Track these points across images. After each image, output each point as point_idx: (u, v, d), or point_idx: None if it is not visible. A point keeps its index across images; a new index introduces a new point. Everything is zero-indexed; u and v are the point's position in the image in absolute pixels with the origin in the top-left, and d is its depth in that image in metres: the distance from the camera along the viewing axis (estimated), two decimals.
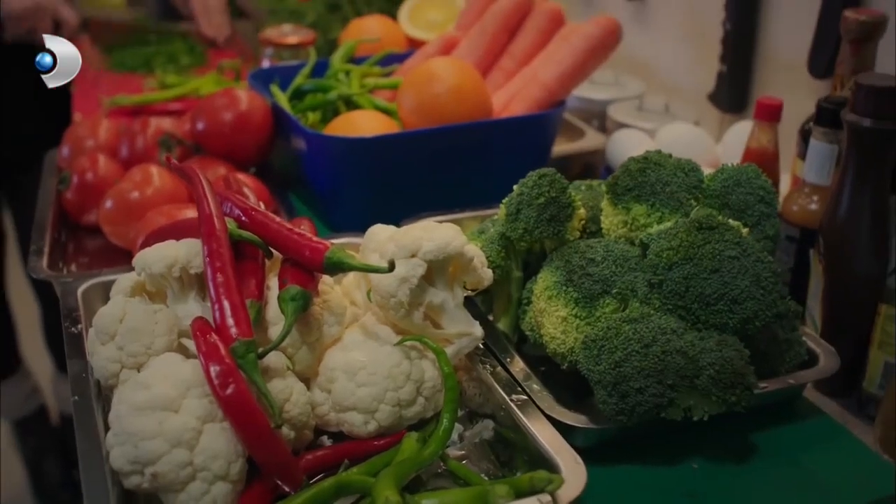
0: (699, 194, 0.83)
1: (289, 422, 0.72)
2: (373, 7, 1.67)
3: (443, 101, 1.11)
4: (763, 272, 0.74)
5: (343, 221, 1.11)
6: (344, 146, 1.08)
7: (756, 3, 1.27)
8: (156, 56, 1.86)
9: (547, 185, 0.82)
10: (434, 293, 0.77)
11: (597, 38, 1.17)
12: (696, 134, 1.23)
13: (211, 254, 0.73)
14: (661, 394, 0.71)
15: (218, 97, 1.18)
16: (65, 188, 1.14)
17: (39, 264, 1.00)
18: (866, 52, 1.01)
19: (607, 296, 0.77)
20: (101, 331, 0.75)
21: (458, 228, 0.78)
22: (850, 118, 0.88)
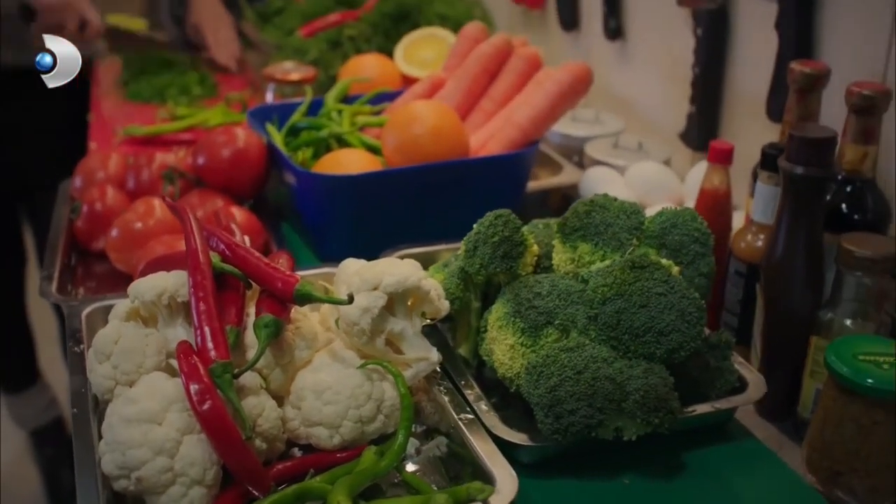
0: (639, 235, 0.91)
1: (261, 435, 0.82)
2: (371, 45, 1.77)
3: (423, 141, 1.20)
4: (688, 307, 0.83)
5: (330, 251, 1.20)
6: (330, 183, 1.18)
7: (722, 51, 1.36)
8: (169, 87, 1.97)
9: (501, 224, 0.91)
10: (394, 322, 0.86)
11: (568, 84, 1.26)
12: (662, 172, 1.32)
13: (195, 285, 0.82)
14: (591, 415, 0.79)
15: (217, 134, 1.28)
16: (76, 217, 1.25)
17: (49, 289, 1.10)
18: (811, 101, 1.09)
19: (550, 326, 0.86)
20: (99, 351, 0.84)
21: (417, 264, 0.87)
22: (785, 166, 0.97)
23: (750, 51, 1.32)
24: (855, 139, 1.03)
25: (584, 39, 1.74)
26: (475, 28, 1.46)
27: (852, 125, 1.03)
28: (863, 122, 1.02)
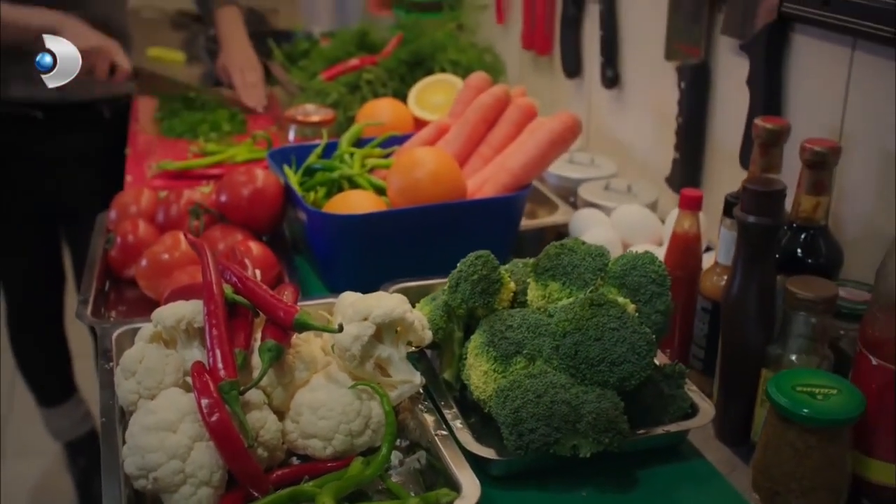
0: (603, 275, 1.03)
1: (263, 444, 0.94)
2: (388, 89, 1.90)
3: (423, 184, 1.33)
4: (638, 341, 0.94)
5: (337, 283, 1.33)
6: (338, 222, 1.31)
7: (704, 103, 1.47)
8: (201, 123, 2.11)
9: (481, 265, 1.03)
10: (382, 348, 0.98)
11: (558, 133, 1.38)
12: (644, 215, 1.43)
13: (209, 313, 0.95)
14: (549, 434, 0.91)
15: (239, 174, 1.41)
16: (110, 247, 1.38)
17: (85, 312, 1.23)
18: (773, 154, 1.20)
19: (519, 355, 0.98)
20: (126, 368, 0.98)
21: (404, 298, 1.00)
22: (739, 215, 1.08)
23: (728, 104, 1.43)
24: (808, 190, 1.14)
25: (586, 86, 1.87)
26: (478, 78, 1.58)
27: (806, 177, 1.14)
28: (815, 175, 1.13)
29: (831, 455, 0.96)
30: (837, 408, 0.95)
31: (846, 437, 0.97)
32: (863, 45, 1.16)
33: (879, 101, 1.15)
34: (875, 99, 1.16)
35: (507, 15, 2.18)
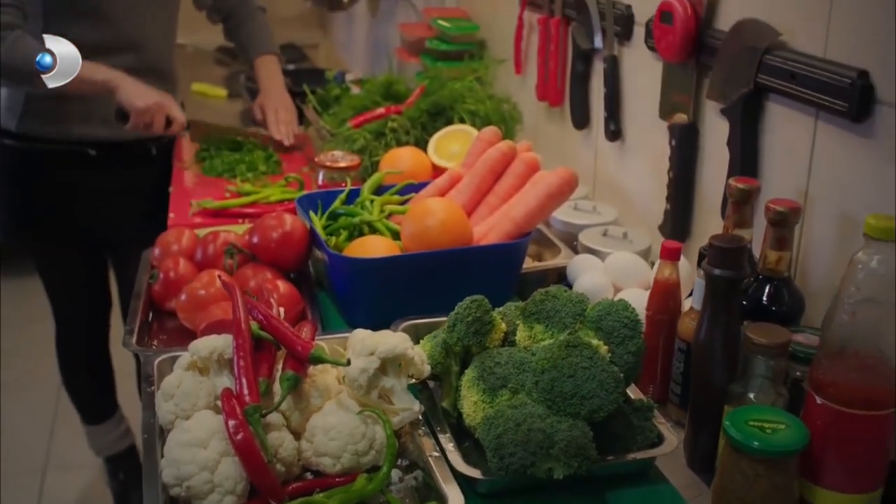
0: (581, 319, 1.18)
1: (281, 461, 1.09)
2: (410, 136, 2.06)
3: (433, 231, 1.48)
4: (607, 379, 1.08)
5: (355, 318, 1.48)
6: (356, 264, 1.47)
7: (693, 159, 1.61)
8: (239, 164, 2.28)
9: (475, 308, 1.18)
10: (386, 380, 1.13)
11: (556, 186, 1.53)
12: (635, 261, 1.57)
13: (237, 346, 1.11)
14: (526, 458, 1.05)
15: (270, 219, 1.57)
16: (154, 282, 1.55)
17: (130, 340, 1.40)
18: (744, 210, 1.34)
19: (505, 389, 1.13)
20: (165, 392, 1.14)
21: (406, 336, 1.15)
22: (706, 268, 1.22)
23: (713, 162, 1.57)
24: (772, 245, 1.28)
25: (593, 137, 2.01)
26: (490, 132, 1.74)
27: (770, 234, 1.28)
28: (778, 232, 1.27)
29: (778, 483, 1.09)
30: (783, 441, 1.08)
31: (792, 467, 1.10)
32: (824, 115, 1.30)
33: (839, 167, 1.29)
34: (835, 164, 1.30)
35: (524, 67, 2.34)
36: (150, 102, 2.12)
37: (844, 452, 1.11)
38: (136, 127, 2.13)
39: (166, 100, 2.17)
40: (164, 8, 2.40)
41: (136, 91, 2.12)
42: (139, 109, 2.10)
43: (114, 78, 2.11)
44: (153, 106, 2.12)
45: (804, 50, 1.33)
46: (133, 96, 2.11)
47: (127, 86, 2.12)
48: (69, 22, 2.22)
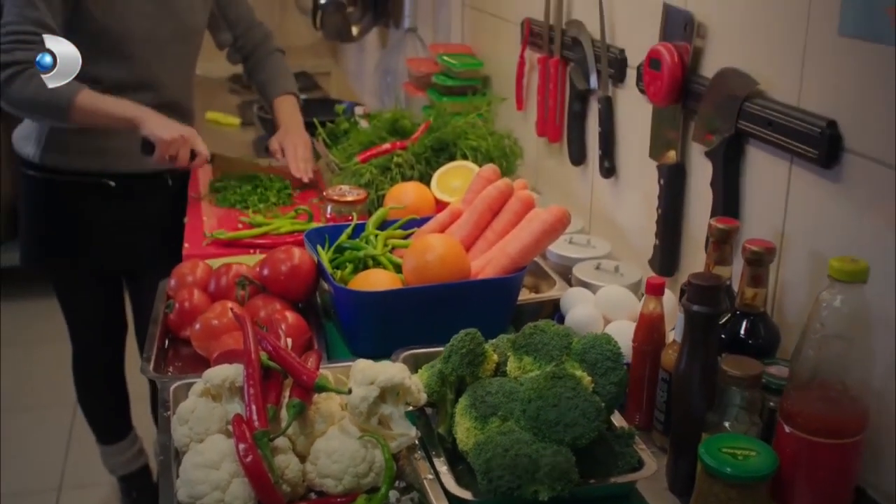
0: (567, 352, 1.26)
1: (287, 481, 1.18)
2: (415, 171, 2.15)
3: (433, 266, 1.57)
4: (589, 408, 1.17)
5: (359, 347, 1.58)
6: (360, 297, 1.56)
7: (680, 198, 1.70)
8: (250, 195, 2.38)
9: (469, 340, 1.27)
10: (385, 407, 1.22)
11: (550, 223, 1.62)
12: (625, 295, 1.65)
13: (247, 375, 1.20)
14: (513, 481, 1.14)
15: (280, 252, 1.67)
16: (170, 311, 1.65)
17: (148, 367, 1.49)
18: (724, 249, 1.42)
19: (495, 416, 1.21)
20: (181, 417, 1.23)
21: (404, 367, 1.24)
22: (685, 304, 1.31)
23: (699, 200, 1.65)
24: (748, 283, 1.37)
25: (589, 173, 2.10)
26: (489, 170, 1.84)
27: (747, 272, 1.37)
28: (754, 270, 1.36)
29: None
30: (754, 467, 1.16)
31: (763, 492, 1.18)
32: (798, 161, 1.39)
33: (811, 209, 1.38)
34: (808, 207, 1.38)
35: (525, 103, 2.43)
36: (176, 135, 2.21)
37: (812, 478, 1.19)
38: (162, 159, 2.21)
39: (191, 133, 2.26)
40: (186, 47, 2.50)
41: (162, 124, 2.22)
42: (165, 142, 2.19)
43: (140, 113, 2.21)
44: (178, 139, 2.21)
45: (780, 99, 1.42)
46: (159, 129, 2.21)
47: (153, 119, 2.21)
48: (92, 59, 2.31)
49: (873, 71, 1.22)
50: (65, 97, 2.16)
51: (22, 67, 2.16)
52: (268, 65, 2.73)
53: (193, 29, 2.52)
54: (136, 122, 2.22)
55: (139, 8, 2.34)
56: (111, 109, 2.22)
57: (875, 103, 1.23)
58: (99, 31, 2.29)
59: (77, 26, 2.26)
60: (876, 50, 1.20)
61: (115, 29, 2.30)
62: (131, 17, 2.32)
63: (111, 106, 2.23)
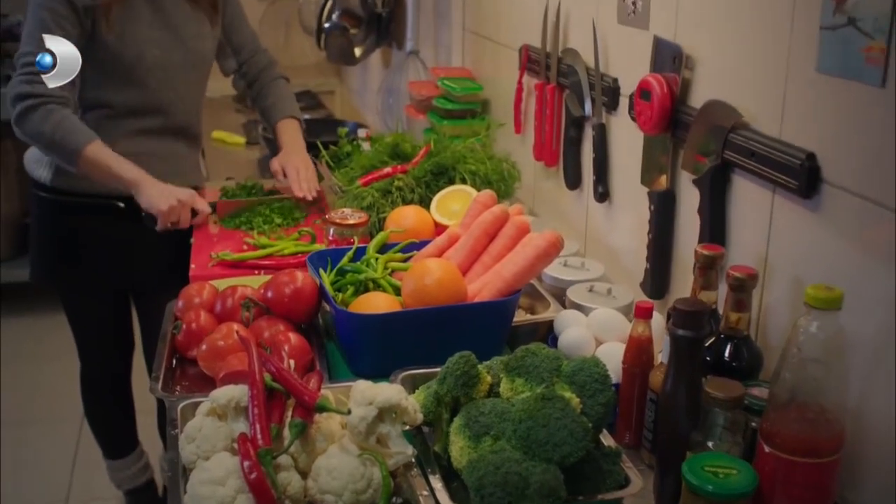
0: (557, 374, 1.32)
1: (289, 497, 1.24)
2: (415, 194, 2.21)
3: (431, 289, 1.63)
4: (576, 428, 1.23)
5: (360, 367, 1.64)
6: (360, 320, 1.62)
7: (670, 223, 1.76)
8: (255, 217, 2.45)
9: (463, 363, 1.33)
10: (383, 426, 1.28)
11: (543, 249, 1.68)
12: (616, 317, 1.71)
13: (252, 396, 1.26)
14: (503, 497, 1.19)
15: (283, 275, 1.73)
16: (177, 332, 1.71)
17: (157, 386, 1.55)
18: (710, 275, 1.49)
19: (487, 436, 1.27)
20: (188, 435, 1.29)
21: (401, 388, 1.30)
22: (670, 328, 1.37)
23: (688, 226, 1.71)
24: (732, 308, 1.43)
25: (584, 197, 2.17)
26: (486, 195, 1.90)
27: (730, 297, 1.43)
28: (737, 296, 1.42)
29: None
30: (734, 485, 1.21)
31: None
32: (780, 191, 1.45)
33: (793, 237, 1.44)
34: (790, 235, 1.44)
35: (523, 127, 2.50)
36: (174, 203, 2.27)
37: (790, 496, 1.25)
38: (165, 227, 2.28)
39: (188, 196, 2.32)
40: (195, 74, 2.57)
41: (159, 194, 2.27)
42: (164, 213, 2.25)
43: (138, 179, 2.28)
44: (177, 206, 2.27)
45: (763, 131, 1.48)
46: (156, 201, 2.26)
47: (149, 189, 2.27)
48: (104, 85, 2.40)
49: (850, 107, 1.29)
50: (76, 143, 2.24)
51: (41, 101, 2.23)
52: (271, 90, 2.79)
53: (202, 56, 2.59)
54: (133, 187, 2.28)
55: (150, 36, 2.41)
56: (114, 168, 2.29)
57: (851, 138, 1.29)
58: (112, 58, 2.37)
59: (91, 54, 2.33)
60: (852, 87, 1.27)
61: (128, 56, 2.38)
62: (143, 44, 2.40)
63: (114, 164, 2.29)
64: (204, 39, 2.57)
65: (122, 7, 2.36)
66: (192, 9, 2.53)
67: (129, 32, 2.37)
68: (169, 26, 2.46)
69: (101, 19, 2.32)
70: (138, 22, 2.40)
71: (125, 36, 2.36)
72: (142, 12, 2.41)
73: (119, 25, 2.35)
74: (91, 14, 2.30)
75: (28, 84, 2.24)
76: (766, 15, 1.45)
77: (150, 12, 2.43)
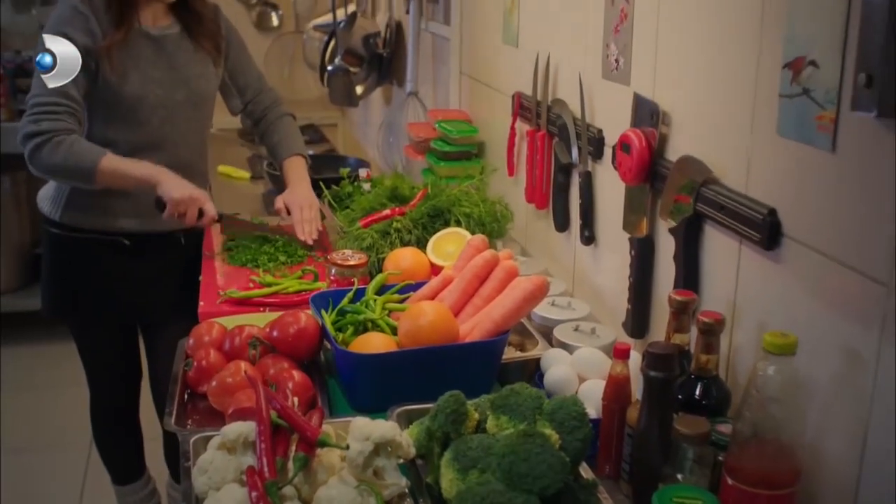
0: (539, 412, 1.44)
1: None
2: (412, 235, 2.34)
3: (425, 330, 1.76)
4: (555, 462, 1.34)
5: (358, 402, 1.76)
6: (359, 359, 1.74)
7: (650, 268, 1.88)
8: (260, 255, 2.57)
9: (453, 401, 1.45)
10: (379, 460, 1.40)
11: (530, 292, 1.81)
12: (598, 356, 1.83)
13: (259, 432, 1.38)
14: None
15: (287, 316, 1.85)
16: (188, 369, 1.83)
17: (170, 421, 1.67)
18: (682, 319, 1.61)
19: (474, 469, 1.39)
20: (200, 468, 1.41)
21: (395, 425, 1.42)
22: (643, 369, 1.49)
23: (666, 271, 1.84)
24: (702, 350, 1.55)
25: (572, 239, 2.29)
26: (478, 239, 2.03)
27: (700, 341, 1.55)
28: (706, 339, 1.54)
29: None
30: None
31: None
32: (746, 242, 1.57)
33: (757, 285, 1.56)
34: (755, 283, 1.57)
35: (516, 170, 2.63)
36: (186, 195, 2.42)
37: None
38: (171, 215, 2.42)
39: (200, 194, 2.46)
40: (198, 112, 2.70)
41: (175, 184, 2.43)
42: (175, 200, 2.40)
43: (156, 173, 2.42)
44: (188, 199, 2.41)
45: (731, 186, 1.61)
46: (171, 188, 2.41)
47: (167, 179, 2.42)
48: (109, 123, 2.53)
49: (805, 168, 1.41)
50: (89, 161, 2.37)
51: (49, 136, 2.37)
52: (277, 128, 2.92)
53: (205, 96, 2.72)
54: (153, 182, 2.42)
55: (153, 76, 2.55)
56: (131, 171, 2.43)
57: (808, 197, 1.42)
58: (116, 98, 2.50)
59: (96, 94, 2.47)
60: (807, 150, 1.39)
61: (131, 96, 2.51)
62: (146, 85, 2.53)
63: (131, 168, 2.43)
64: (207, 80, 2.70)
65: (125, 48, 2.49)
66: (194, 49, 2.66)
67: (133, 73, 2.50)
68: (171, 66, 2.59)
69: (105, 60, 2.45)
70: (141, 62, 2.53)
71: (128, 76, 2.49)
72: (145, 53, 2.54)
73: (122, 66, 2.48)
74: (94, 56, 2.43)
75: (35, 124, 2.38)
76: (733, 80, 1.57)
77: (152, 53, 2.56)
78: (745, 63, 1.53)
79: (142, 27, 2.55)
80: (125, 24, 2.49)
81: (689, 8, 1.71)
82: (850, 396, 1.35)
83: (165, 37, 2.60)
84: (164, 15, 2.62)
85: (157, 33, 2.58)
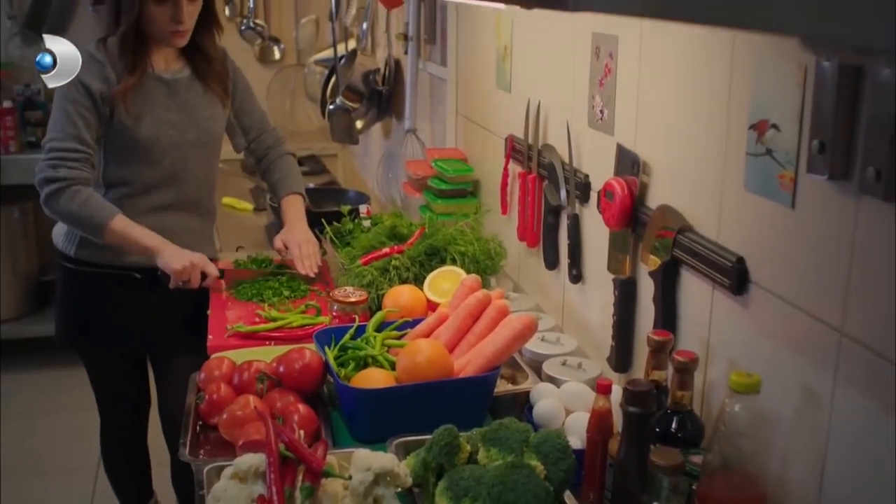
0: (526, 445, 1.57)
1: None
2: (410, 272, 2.47)
3: (422, 366, 1.88)
4: (540, 492, 1.47)
5: (360, 434, 1.88)
6: (360, 393, 1.87)
7: (632, 307, 2.01)
8: (265, 290, 2.70)
9: (447, 435, 1.58)
10: (379, 489, 1.53)
11: (519, 331, 1.94)
12: (584, 390, 1.95)
13: (269, 463, 1.51)
14: None
15: (293, 352, 1.98)
16: (200, 402, 1.96)
17: (184, 452, 1.80)
18: (660, 358, 1.74)
19: (466, 497, 1.51)
20: (214, 496, 1.53)
21: (394, 457, 1.54)
22: (623, 405, 1.62)
23: (647, 311, 1.96)
24: (677, 387, 1.67)
25: (561, 277, 2.42)
26: (471, 279, 2.16)
27: (675, 378, 1.68)
28: (681, 377, 1.66)
29: None
30: None
31: None
32: (718, 287, 1.70)
33: (728, 327, 1.69)
34: (726, 325, 1.70)
35: (509, 209, 2.76)
36: (186, 264, 2.57)
37: None
38: (177, 285, 2.58)
39: (199, 259, 2.61)
40: (207, 151, 2.84)
41: (174, 255, 2.58)
42: (177, 272, 2.55)
43: (158, 244, 2.58)
44: (189, 267, 2.57)
45: (705, 234, 1.74)
46: (171, 261, 2.56)
47: (167, 252, 2.58)
48: (122, 163, 2.67)
49: (769, 221, 1.54)
50: (102, 218, 2.52)
51: (67, 184, 2.51)
52: (278, 167, 3.05)
53: (214, 135, 2.86)
54: (154, 253, 2.56)
55: (166, 118, 2.69)
56: (136, 238, 2.58)
57: (772, 247, 1.55)
58: (131, 140, 2.64)
59: (111, 137, 2.61)
60: (770, 205, 1.52)
61: (145, 138, 2.65)
62: (159, 126, 2.67)
63: (137, 235, 2.58)
64: (216, 120, 2.84)
65: (139, 92, 2.63)
66: (204, 91, 2.80)
67: (147, 115, 2.65)
68: (183, 108, 2.73)
69: (120, 105, 2.59)
70: (154, 105, 2.67)
71: (142, 119, 2.64)
72: (158, 96, 2.68)
73: (136, 109, 2.62)
74: (109, 101, 2.57)
75: (53, 169, 2.52)
76: (706, 136, 1.71)
77: (165, 96, 2.70)
78: (716, 121, 1.66)
79: (154, 72, 2.69)
80: (138, 69, 2.63)
81: (666, 67, 1.85)
82: (810, 430, 1.47)
83: (177, 80, 2.74)
84: (175, 59, 2.76)
85: (169, 77, 2.72)
